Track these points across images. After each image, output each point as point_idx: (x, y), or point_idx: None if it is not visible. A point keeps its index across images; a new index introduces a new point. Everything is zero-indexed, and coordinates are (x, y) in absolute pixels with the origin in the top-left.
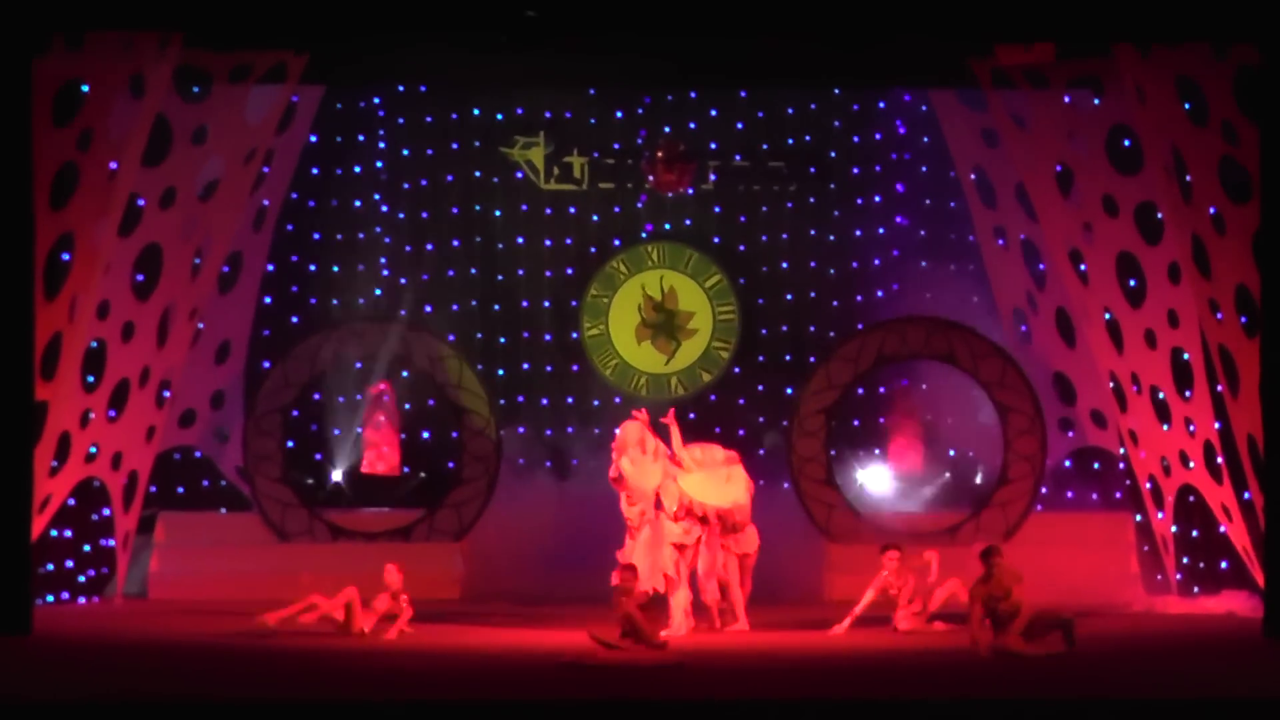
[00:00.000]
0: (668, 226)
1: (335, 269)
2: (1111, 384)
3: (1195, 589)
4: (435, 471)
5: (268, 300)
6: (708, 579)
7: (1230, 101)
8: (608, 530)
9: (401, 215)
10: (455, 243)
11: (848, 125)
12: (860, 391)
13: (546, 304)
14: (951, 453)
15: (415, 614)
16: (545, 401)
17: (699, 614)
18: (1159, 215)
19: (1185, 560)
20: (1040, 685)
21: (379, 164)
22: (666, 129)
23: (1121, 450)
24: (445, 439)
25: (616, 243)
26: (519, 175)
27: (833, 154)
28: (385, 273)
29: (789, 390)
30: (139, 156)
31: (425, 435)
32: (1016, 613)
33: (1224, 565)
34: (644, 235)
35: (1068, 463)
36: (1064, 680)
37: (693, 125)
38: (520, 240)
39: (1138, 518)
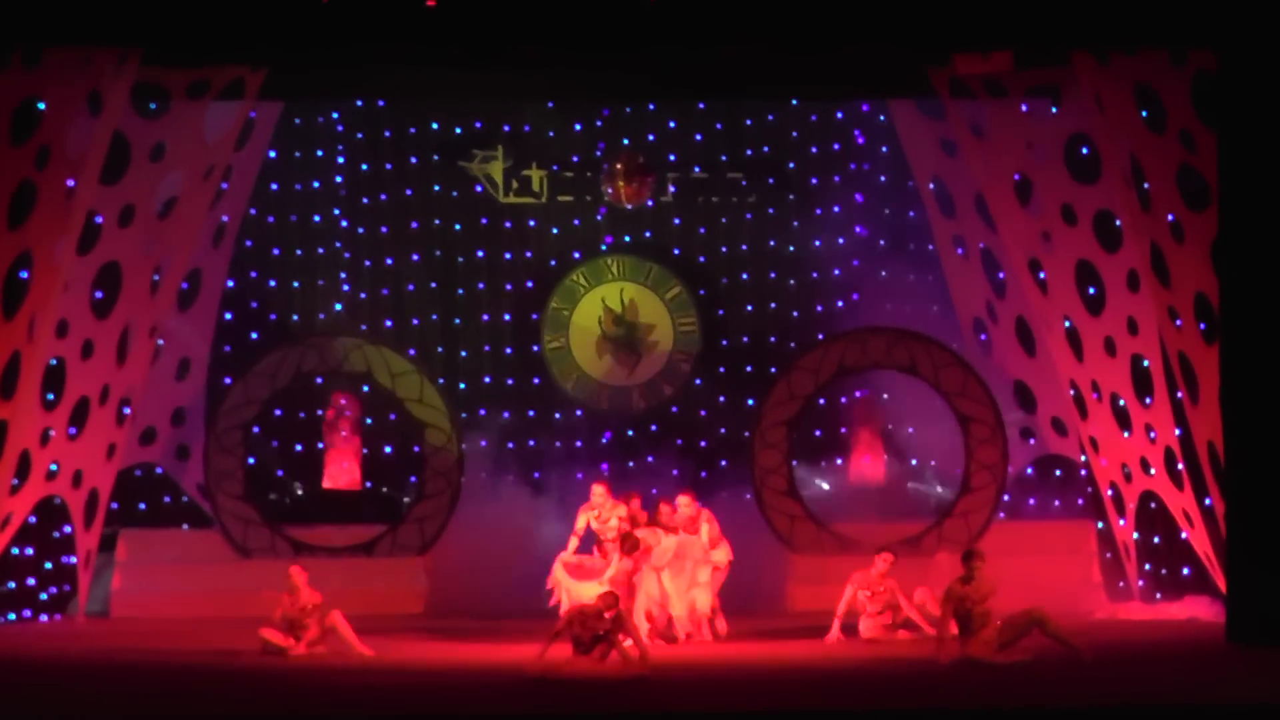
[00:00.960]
0: (627, 239)
1: (295, 284)
2: (1072, 392)
3: (1158, 595)
4: (397, 486)
5: (228, 316)
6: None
7: (1188, 109)
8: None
9: (361, 230)
10: (415, 257)
11: (806, 136)
12: (822, 402)
13: (507, 317)
14: (913, 462)
15: (376, 629)
16: (507, 415)
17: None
18: (1118, 223)
19: (1147, 567)
20: (1005, 694)
21: (338, 179)
22: (625, 141)
23: (1083, 458)
24: (407, 454)
25: (576, 256)
26: (478, 189)
27: (791, 165)
28: (345, 288)
29: (750, 401)
30: (97, 174)
31: (387, 450)
32: (987, 620)
33: (1186, 571)
34: (604, 248)
35: (1029, 471)
36: (1028, 688)
37: (651, 137)
38: (480, 254)
39: (1099, 525)
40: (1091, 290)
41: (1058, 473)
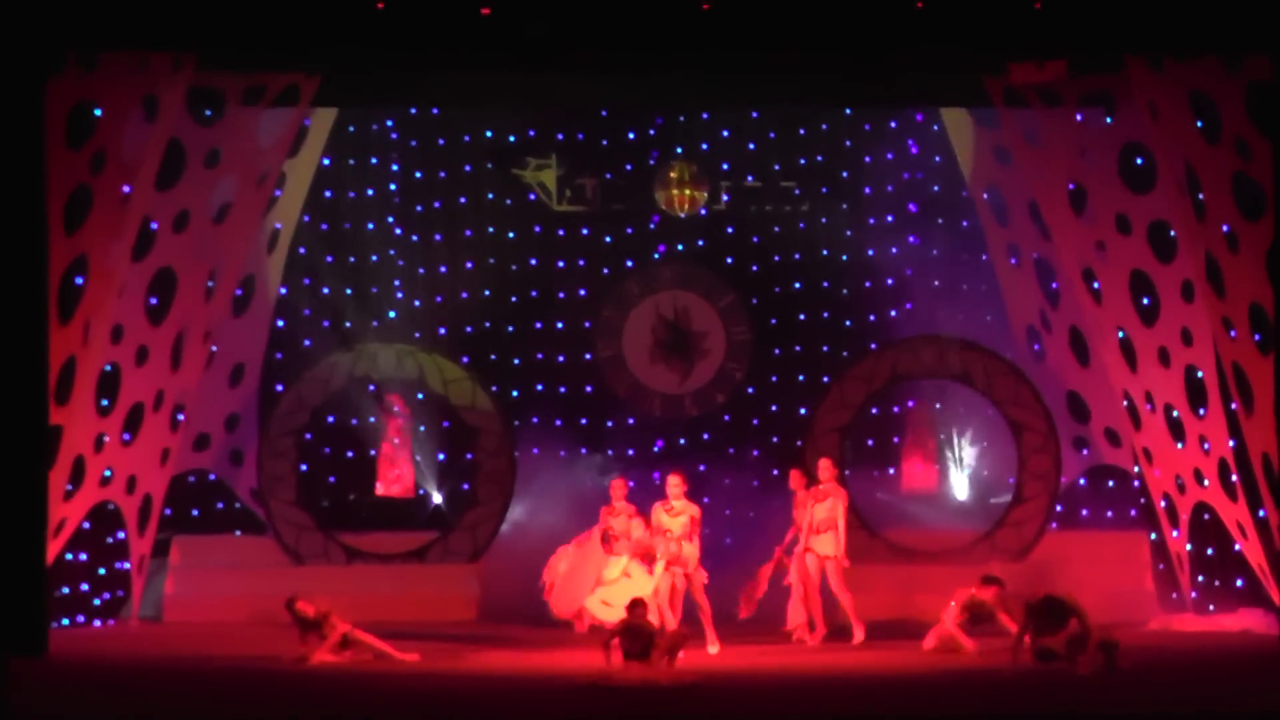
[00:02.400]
0: (680, 247)
1: (348, 291)
2: (1125, 402)
3: (1211, 607)
4: (450, 493)
5: (280, 323)
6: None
7: (1243, 117)
8: None
9: (415, 238)
10: (468, 265)
11: (859, 145)
12: (874, 411)
13: (560, 325)
14: (966, 471)
15: (428, 635)
16: (559, 423)
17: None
18: (1172, 233)
19: (1200, 578)
20: (1057, 703)
21: (391, 186)
22: (678, 150)
23: (1136, 468)
24: (460, 461)
25: (629, 264)
26: (531, 197)
27: (845, 174)
28: (399, 295)
29: (803, 410)
30: (152, 179)
31: (440, 457)
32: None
33: (1239, 583)
34: (656, 256)
35: (1082, 481)
36: (1081, 698)
37: (705, 146)
38: (533, 262)
39: (1152, 536)
40: (1146, 300)
41: (1111, 483)
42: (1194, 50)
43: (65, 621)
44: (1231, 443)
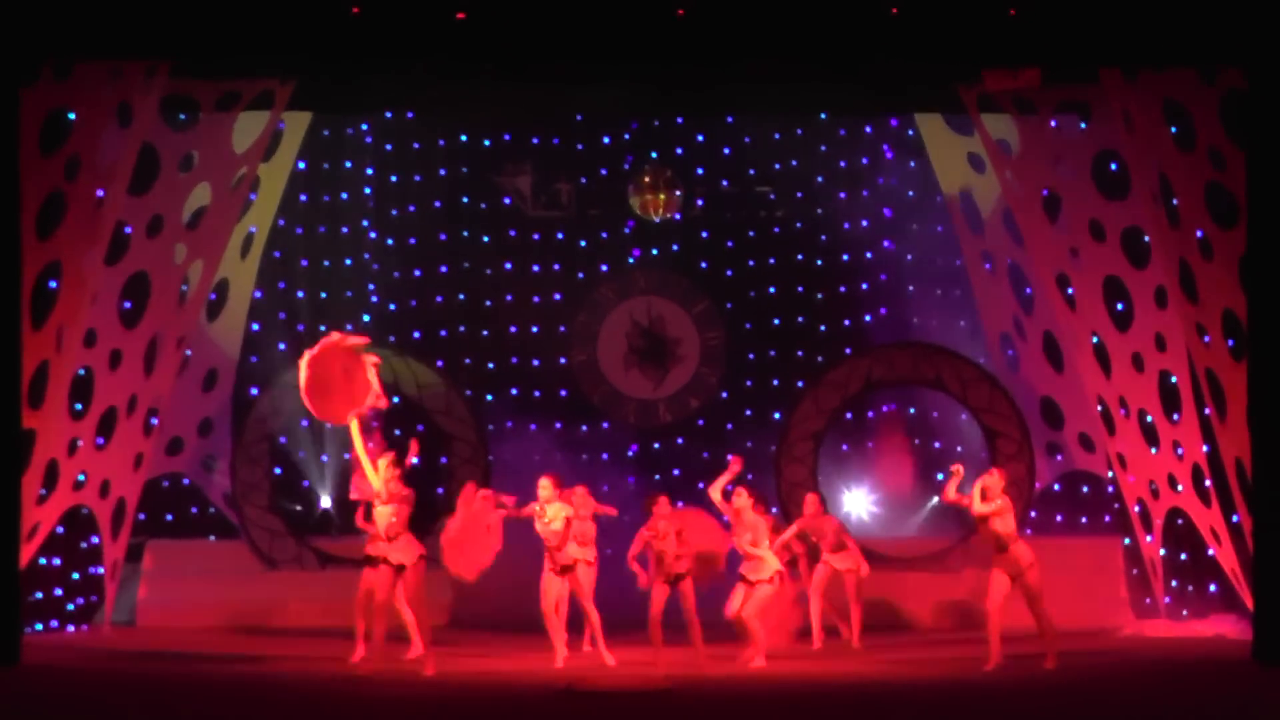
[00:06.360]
0: (655, 252)
1: (323, 295)
2: (1099, 408)
3: (1184, 612)
4: (423, 498)
5: (255, 327)
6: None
7: (1217, 126)
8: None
9: (389, 241)
10: (443, 269)
11: (834, 150)
12: (849, 416)
13: (534, 330)
14: (940, 477)
15: (401, 641)
16: (533, 427)
17: None
18: (1146, 239)
19: (1174, 583)
20: (1027, 710)
21: (366, 190)
22: (653, 155)
23: (1110, 474)
24: (434, 465)
25: (604, 268)
26: (506, 201)
27: (819, 178)
28: (373, 299)
29: (777, 415)
30: (126, 185)
31: (415, 461)
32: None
33: (1213, 588)
34: (631, 261)
35: (1056, 487)
36: (1052, 704)
37: (679, 151)
38: (508, 266)
39: (1126, 541)
40: (1119, 306)
41: (1085, 489)
42: (1168, 61)
43: (38, 626)
44: (1205, 448)
